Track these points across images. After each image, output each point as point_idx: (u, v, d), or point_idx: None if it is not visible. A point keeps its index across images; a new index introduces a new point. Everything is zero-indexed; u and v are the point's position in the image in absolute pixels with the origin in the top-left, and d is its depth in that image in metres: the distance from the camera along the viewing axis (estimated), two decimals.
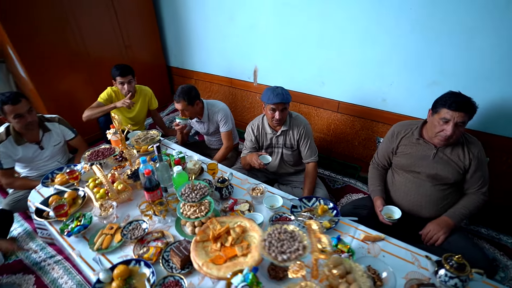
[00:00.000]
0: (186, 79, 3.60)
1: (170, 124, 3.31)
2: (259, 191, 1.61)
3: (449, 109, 1.46)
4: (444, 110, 1.49)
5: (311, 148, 2.04)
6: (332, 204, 1.59)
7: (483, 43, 1.68)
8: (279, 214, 1.49)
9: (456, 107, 1.45)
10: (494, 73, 1.70)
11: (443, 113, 1.49)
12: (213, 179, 1.76)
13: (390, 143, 1.81)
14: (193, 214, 1.32)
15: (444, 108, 1.49)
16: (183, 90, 2.09)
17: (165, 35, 3.49)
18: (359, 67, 2.17)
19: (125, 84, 2.40)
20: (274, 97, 1.82)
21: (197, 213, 1.32)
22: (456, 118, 1.45)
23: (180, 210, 1.35)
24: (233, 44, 2.87)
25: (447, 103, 1.47)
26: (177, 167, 1.46)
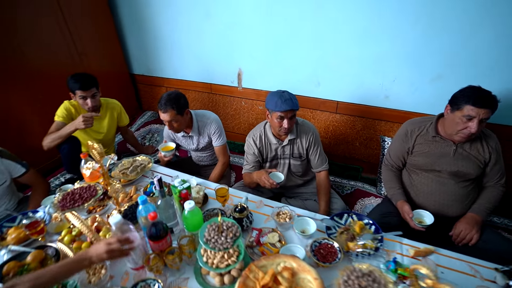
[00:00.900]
0: (154, 88, 3.17)
1: (143, 140, 2.86)
2: (286, 216, 1.36)
3: (474, 106, 1.39)
4: (468, 107, 1.41)
5: (322, 155, 1.86)
6: (368, 219, 1.41)
7: (488, 34, 1.65)
8: (318, 241, 1.26)
9: (482, 103, 1.38)
10: (499, 63, 1.69)
11: (466, 110, 1.42)
12: (222, 206, 1.46)
13: (404, 142, 1.71)
14: (221, 262, 1.03)
15: (468, 105, 1.42)
16: (170, 97, 1.75)
17: (126, 39, 3.02)
18: (358, 63, 2.05)
19: (88, 99, 1.95)
20: (282, 104, 1.59)
21: (225, 259, 1.03)
22: (482, 115, 1.39)
23: (203, 258, 1.04)
24: (211, 45, 2.56)
25: (471, 100, 1.40)
26: (189, 202, 1.14)
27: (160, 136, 2.86)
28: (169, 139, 2.08)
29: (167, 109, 1.73)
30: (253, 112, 2.70)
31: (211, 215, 1.40)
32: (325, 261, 1.17)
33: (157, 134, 2.90)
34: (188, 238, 1.18)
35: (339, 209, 1.83)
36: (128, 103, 2.99)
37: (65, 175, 2.37)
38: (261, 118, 2.69)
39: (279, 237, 1.30)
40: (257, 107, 2.64)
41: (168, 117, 1.75)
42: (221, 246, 0.99)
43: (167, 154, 1.77)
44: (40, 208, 1.43)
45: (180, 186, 1.27)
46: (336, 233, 1.36)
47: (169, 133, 2.03)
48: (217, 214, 1.40)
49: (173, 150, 1.78)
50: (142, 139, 2.87)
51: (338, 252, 1.20)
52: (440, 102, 1.91)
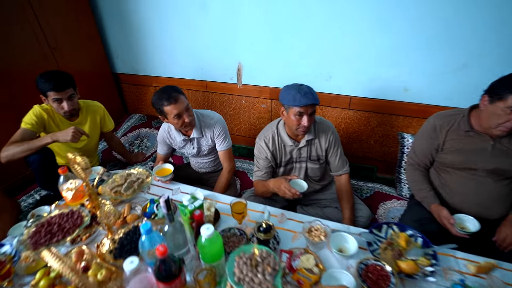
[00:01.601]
0: (141, 88, 2.85)
1: (131, 147, 2.54)
2: (320, 233, 1.13)
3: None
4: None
5: (342, 156, 1.65)
6: (412, 230, 1.21)
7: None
8: (363, 262, 1.03)
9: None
10: None
11: (510, 101, 1.24)
12: (239, 224, 1.21)
13: (432, 139, 1.53)
14: None
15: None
16: (172, 87, 1.54)
17: (107, 34, 2.68)
18: (374, 53, 1.85)
19: (63, 102, 1.64)
20: (301, 98, 1.36)
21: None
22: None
23: None
24: (206, 38, 2.28)
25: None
26: (207, 227, 0.87)
27: (150, 142, 2.55)
28: (165, 144, 1.79)
29: (179, 96, 1.50)
30: (255, 111, 2.45)
31: (229, 237, 1.14)
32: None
33: (147, 139, 2.58)
34: (206, 271, 0.92)
35: (365, 216, 1.62)
36: (111, 106, 2.65)
37: (40, 191, 2.02)
38: (264, 118, 2.45)
39: (315, 259, 1.06)
40: (259, 105, 2.40)
41: (182, 106, 1.51)
42: (259, 287, 0.74)
43: (163, 179, 1.50)
44: (6, 240, 1.11)
45: (190, 205, 1.00)
46: (379, 249, 1.15)
47: (164, 136, 1.75)
48: (236, 236, 1.14)
49: (170, 175, 1.51)
50: (130, 145, 2.55)
51: (391, 276, 0.98)
52: (465, 94, 1.76)
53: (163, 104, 1.48)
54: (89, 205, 0.97)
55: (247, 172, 2.28)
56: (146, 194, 1.47)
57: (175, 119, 1.51)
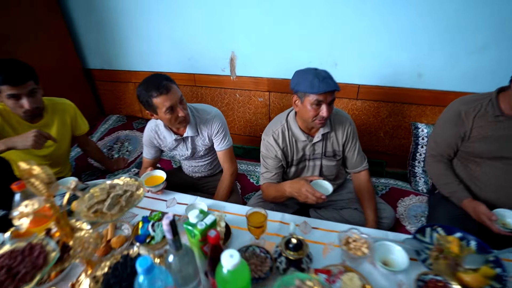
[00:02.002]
0: (119, 85, 2.52)
1: (110, 152, 2.21)
2: (361, 244, 0.91)
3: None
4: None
5: (360, 151, 1.46)
6: (463, 233, 1.02)
7: None
8: (421, 279, 0.83)
9: None
10: None
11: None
12: (256, 240, 0.98)
13: (457, 126, 1.38)
14: None
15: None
16: (160, 75, 1.27)
17: (74, 22, 2.32)
18: (384, 36, 1.67)
19: (22, 98, 1.32)
20: (320, 84, 1.15)
21: None
22: None
23: None
24: (193, 25, 2.01)
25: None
26: (231, 255, 0.63)
27: (132, 145, 2.23)
28: (152, 146, 1.51)
29: (171, 86, 1.23)
30: (251, 106, 2.21)
31: (247, 258, 0.89)
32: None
33: (128, 142, 2.26)
34: None
35: (389, 217, 1.44)
36: (84, 107, 2.29)
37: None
38: (261, 113, 2.21)
39: (360, 279, 0.84)
40: (255, 99, 2.16)
41: (175, 97, 1.24)
42: None
43: (153, 190, 1.23)
44: None
45: (201, 224, 0.75)
46: (429, 258, 0.95)
47: (151, 137, 1.47)
48: (257, 256, 0.89)
49: (163, 184, 1.24)
50: (109, 150, 2.21)
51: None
52: (486, 78, 1.60)
53: (151, 96, 1.20)
54: (57, 232, 0.69)
55: (247, 174, 2.03)
56: (133, 208, 1.18)
57: (167, 113, 1.23)
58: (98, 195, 0.78)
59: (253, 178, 1.99)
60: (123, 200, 0.77)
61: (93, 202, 0.75)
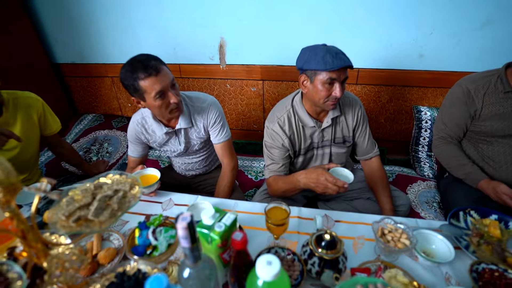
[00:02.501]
0: (94, 80, 2.26)
1: (87, 155, 1.96)
2: (400, 235, 0.79)
3: None
4: None
5: (371, 136, 1.36)
6: (498, 214, 0.94)
7: None
8: (475, 270, 0.72)
9: None
10: None
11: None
12: (276, 240, 0.83)
13: (467, 105, 1.32)
14: None
15: None
16: (147, 55, 1.07)
17: (37, 10, 2.05)
18: (383, 14, 1.59)
19: None
20: (334, 60, 1.03)
21: None
22: None
23: None
24: (177, 9, 1.82)
25: None
26: (268, 260, 0.48)
27: (113, 146, 2.00)
28: (138, 142, 1.31)
29: (161, 67, 1.05)
30: (243, 97, 2.05)
31: None
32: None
33: (108, 143, 2.02)
34: None
35: (405, 204, 1.34)
36: (54, 105, 2.02)
37: None
38: (255, 104, 2.06)
39: (404, 275, 0.72)
40: (248, 89, 2.01)
41: (167, 79, 1.06)
42: None
43: (146, 191, 1.05)
44: None
45: (219, 225, 0.59)
46: (471, 245, 0.85)
47: (138, 131, 1.27)
48: (285, 260, 0.74)
49: (157, 183, 1.06)
50: (86, 153, 1.96)
51: None
52: (489, 55, 1.55)
53: (138, 78, 1.02)
54: (24, 252, 0.50)
55: (243, 169, 1.88)
56: None
57: (157, 99, 1.05)
58: (79, 198, 0.60)
59: (251, 173, 1.84)
60: (114, 203, 0.59)
61: (73, 208, 0.57)
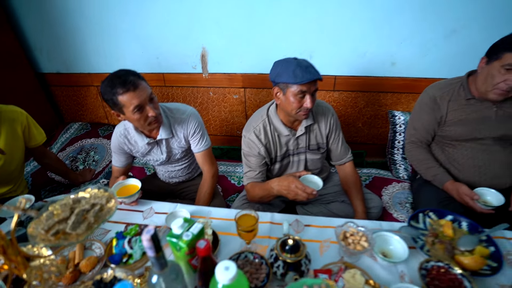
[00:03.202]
0: (79, 90, 2.29)
1: (73, 164, 1.99)
2: (360, 238, 0.86)
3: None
4: (509, 55, 1.16)
5: (344, 142, 1.44)
6: (453, 214, 1.02)
7: None
8: (424, 267, 0.80)
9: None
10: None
11: (507, 58, 1.17)
12: (247, 245, 0.90)
13: (433, 111, 1.42)
14: None
15: (509, 52, 1.16)
16: (127, 71, 1.11)
17: (20, 20, 2.07)
18: (358, 26, 1.67)
19: None
20: (303, 73, 1.10)
21: None
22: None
23: None
24: (160, 20, 1.87)
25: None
26: (226, 267, 0.54)
27: (99, 154, 2.03)
28: (122, 153, 1.36)
29: (139, 82, 1.10)
30: (226, 104, 2.11)
31: (241, 266, 0.80)
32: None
33: (94, 151, 2.06)
34: None
35: (377, 206, 1.43)
36: (40, 116, 2.05)
37: None
38: (238, 111, 2.13)
39: (362, 274, 0.79)
40: (230, 96, 2.07)
41: (144, 94, 1.11)
42: None
43: (127, 201, 1.10)
44: None
45: (187, 234, 0.65)
46: (426, 244, 0.93)
47: (121, 142, 1.32)
48: (251, 263, 0.81)
49: (138, 193, 1.11)
50: (72, 161, 2.00)
51: (463, 279, 0.76)
52: (456, 62, 1.65)
53: (116, 93, 1.07)
54: (6, 265, 0.55)
55: (227, 175, 1.94)
56: (105, 222, 1.04)
57: (135, 113, 1.10)
58: (59, 213, 0.65)
59: (234, 179, 1.90)
60: (91, 216, 0.65)
61: (52, 222, 0.62)
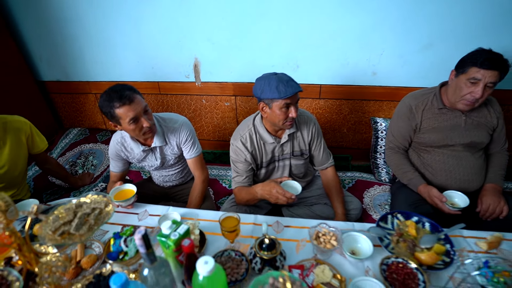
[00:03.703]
0: (78, 97, 2.39)
1: (73, 168, 2.09)
2: (330, 237, 0.97)
3: (480, 68, 1.26)
4: (474, 69, 1.28)
5: (326, 148, 1.55)
6: (418, 216, 1.13)
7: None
8: (385, 263, 0.91)
9: (489, 65, 1.25)
10: (490, 25, 1.60)
11: (472, 72, 1.29)
12: (231, 244, 1.00)
13: (409, 120, 1.53)
14: None
15: (474, 67, 1.29)
16: (123, 86, 1.23)
17: (21, 30, 2.17)
18: (341, 38, 1.78)
19: None
20: (286, 88, 1.22)
21: None
22: (488, 78, 1.27)
23: None
24: (154, 31, 1.98)
25: (478, 61, 1.27)
26: (205, 261, 0.65)
27: (97, 158, 2.14)
28: (119, 159, 1.46)
29: (134, 96, 1.21)
30: (218, 111, 2.22)
31: (223, 263, 0.91)
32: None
33: (93, 156, 2.16)
34: None
35: (357, 208, 1.54)
36: (40, 122, 2.16)
37: None
38: (229, 117, 2.23)
39: (331, 270, 0.90)
40: (222, 104, 2.18)
41: (139, 107, 1.22)
42: None
43: (123, 204, 1.20)
44: None
45: (174, 234, 0.76)
46: (391, 243, 1.05)
47: (118, 149, 1.43)
48: (233, 260, 0.92)
49: (133, 197, 1.22)
50: (72, 166, 2.10)
51: (417, 273, 0.88)
52: (432, 73, 1.78)
53: (114, 106, 1.18)
54: (20, 260, 0.66)
55: (218, 179, 2.04)
56: (103, 223, 1.15)
57: (131, 124, 1.21)
58: (64, 216, 0.76)
59: (225, 182, 2.00)
60: (92, 219, 0.75)
61: (58, 224, 0.73)
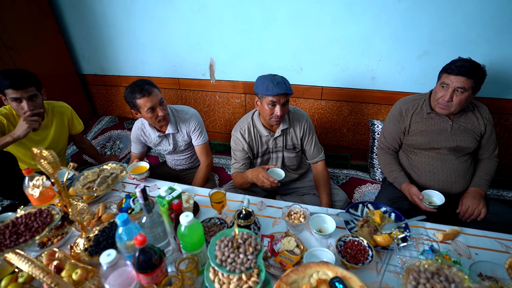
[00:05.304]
0: (110, 89, 2.75)
1: (103, 150, 2.44)
2: (299, 216, 1.16)
3: (449, 74, 1.40)
4: (444, 75, 1.43)
5: (317, 144, 1.70)
6: (386, 207, 1.27)
7: (469, 7, 1.63)
8: (342, 239, 1.08)
9: (457, 71, 1.37)
10: (480, 37, 1.68)
11: (443, 78, 1.44)
12: (219, 214, 1.22)
13: (399, 123, 1.63)
14: (239, 286, 0.78)
15: (444, 73, 1.43)
16: (143, 80, 1.52)
17: (69, 32, 2.55)
18: (342, 44, 1.92)
19: (23, 102, 1.53)
20: (274, 87, 1.39)
21: (244, 281, 0.79)
22: (455, 83, 1.38)
23: (215, 285, 0.79)
24: (176, 34, 2.25)
25: (449, 68, 1.40)
26: (186, 215, 0.87)
27: (123, 143, 2.46)
28: (139, 142, 1.74)
29: (152, 89, 1.48)
30: (230, 107, 2.45)
31: (209, 227, 1.14)
32: (356, 262, 0.99)
33: (120, 141, 2.49)
34: (188, 260, 0.91)
35: (342, 200, 1.68)
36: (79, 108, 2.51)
37: (2, 201, 1.87)
38: (239, 113, 2.45)
39: (296, 241, 1.09)
40: (233, 100, 2.40)
41: (156, 99, 1.49)
42: (243, 267, 0.74)
43: (138, 177, 1.46)
44: None
45: (168, 196, 0.99)
46: (356, 227, 1.20)
47: (138, 134, 1.70)
48: (216, 225, 1.14)
49: (146, 172, 1.47)
50: (102, 148, 2.44)
51: (368, 249, 1.03)
52: (428, 80, 1.88)
53: (135, 97, 1.44)
54: (60, 203, 0.92)
55: (225, 167, 2.27)
56: (121, 192, 1.42)
57: (148, 112, 1.47)
58: (90, 177, 1.02)
59: (230, 171, 2.22)
60: (110, 179, 1.01)
61: (86, 181, 0.99)
